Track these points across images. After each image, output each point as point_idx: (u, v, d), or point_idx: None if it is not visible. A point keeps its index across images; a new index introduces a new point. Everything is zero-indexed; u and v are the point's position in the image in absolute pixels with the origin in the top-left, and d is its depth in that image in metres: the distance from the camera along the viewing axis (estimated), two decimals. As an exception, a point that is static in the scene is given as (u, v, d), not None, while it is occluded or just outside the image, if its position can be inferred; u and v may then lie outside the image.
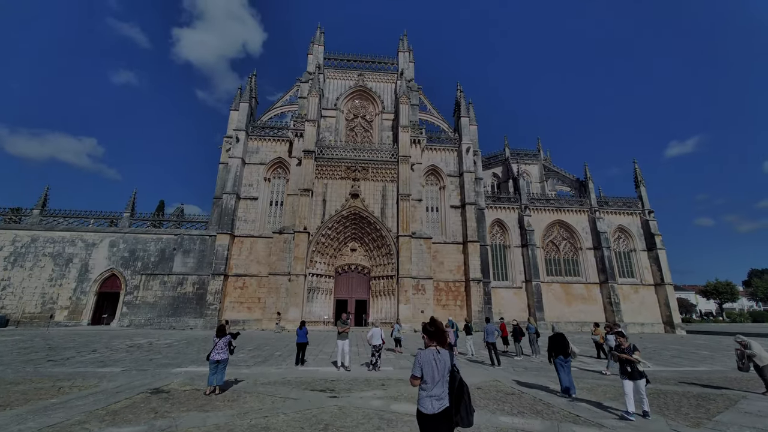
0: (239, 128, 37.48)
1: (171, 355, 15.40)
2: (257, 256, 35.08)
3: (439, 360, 3.78)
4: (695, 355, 18.53)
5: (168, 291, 33.19)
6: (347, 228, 35.86)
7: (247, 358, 14.96)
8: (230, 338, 8.91)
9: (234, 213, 35.31)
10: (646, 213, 42.45)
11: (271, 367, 12.87)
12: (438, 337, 3.93)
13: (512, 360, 15.54)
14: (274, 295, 32.30)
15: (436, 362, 3.75)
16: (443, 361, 3.79)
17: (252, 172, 37.81)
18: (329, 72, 42.97)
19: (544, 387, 9.73)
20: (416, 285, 33.88)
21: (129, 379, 10.36)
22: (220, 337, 8.78)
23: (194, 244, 34.77)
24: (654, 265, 40.70)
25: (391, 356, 16.05)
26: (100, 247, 33.74)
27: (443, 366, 3.77)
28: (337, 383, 10.13)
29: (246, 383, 9.91)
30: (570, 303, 38.87)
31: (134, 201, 36.33)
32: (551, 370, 12.96)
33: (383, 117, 41.97)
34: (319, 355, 15.97)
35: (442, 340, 3.93)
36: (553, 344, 8.61)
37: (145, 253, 34.05)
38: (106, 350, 16.72)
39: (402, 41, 45.17)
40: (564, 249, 41.47)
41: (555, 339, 8.64)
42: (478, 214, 38.55)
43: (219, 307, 32.14)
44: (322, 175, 36.18)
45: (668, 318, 38.57)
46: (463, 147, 40.08)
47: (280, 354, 16.13)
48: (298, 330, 13.53)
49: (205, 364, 12.27)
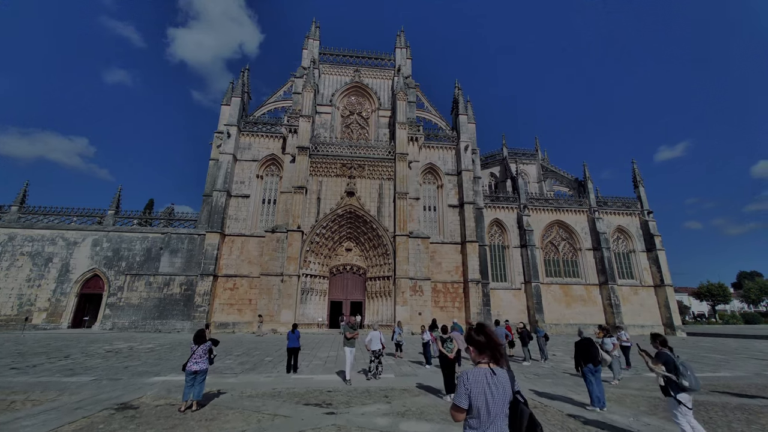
0: (231, 123, 36.11)
1: (151, 362, 14.09)
2: (248, 256, 33.71)
3: (496, 385, 2.64)
4: (708, 358, 17.70)
5: (154, 292, 31.65)
6: (342, 227, 34.67)
7: (235, 364, 13.71)
8: (210, 345, 7.72)
9: (224, 211, 33.91)
10: (646, 213, 41.95)
11: (260, 375, 11.66)
12: (492, 351, 2.79)
13: (520, 365, 14.52)
14: (265, 296, 30.96)
15: (491, 388, 2.61)
16: (501, 387, 2.66)
17: (244, 168, 36.45)
18: (324, 67, 41.83)
19: (567, 398, 8.70)
20: (414, 286, 32.79)
21: (96, 390, 9.09)
22: (198, 343, 7.58)
23: (182, 244, 33.27)
24: (653, 266, 40.16)
25: (391, 361, 14.93)
26: (82, 246, 32.08)
27: (502, 394, 2.64)
28: (334, 395, 8.97)
29: (230, 396, 8.71)
30: (569, 305, 38.10)
31: (119, 198, 34.70)
32: (565, 377, 11.96)
33: (380, 114, 40.92)
34: (314, 361, 14.78)
35: (496, 354, 2.79)
36: (581, 351, 7.56)
37: (130, 253, 32.47)
38: (81, 356, 15.33)
39: (399, 37, 44.23)
40: (563, 249, 40.75)
41: (583, 345, 7.61)
42: (477, 213, 37.65)
43: (208, 309, 30.69)
44: (317, 173, 34.97)
45: (668, 320, 37.99)
46: (461, 145, 39.19)
47: (271, 360, 14.90)
48: (290, 334, 12.34)
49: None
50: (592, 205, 41.31)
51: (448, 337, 8.52)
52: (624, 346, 14.69)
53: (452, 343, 8.44)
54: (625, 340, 14.80)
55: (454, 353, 8.29)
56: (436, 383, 10.39)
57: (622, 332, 15.41)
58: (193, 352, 7.43)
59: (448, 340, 8.42)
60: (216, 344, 7.96)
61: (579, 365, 7.51)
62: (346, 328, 11.62)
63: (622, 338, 14.77)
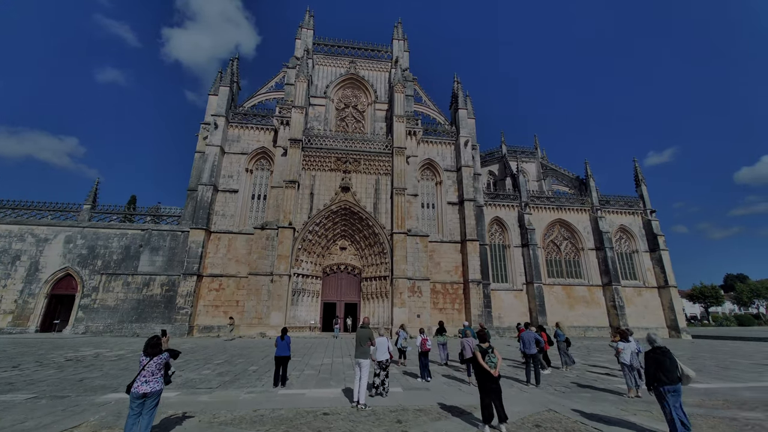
0: (218, 114, 33.97)
1: (113, 373, 12.02)
2: (236, 255, 31.55)
3: None
4: (737, 364, 16.21)
5: (132, 293, 29.28)
6: (336, 224, 32.74)
7: (213, 375, 11.72)
8: (167, 358, 5.79)
9: (210, 206, 31.71)
10: (648, 213, 40.87)
11: (241, 390, 9.72)
12: None
13: (540, 374, 12.75)
14: (254, 297, 28.84)
15: None
16: None
17: (232, 162, 34.31)
18: (318, 58, 39.95)
19: (629, 423, 6.96)
20: (412, 287, 31.01)
21: (23, 415, 7.08)
22: (150, 355, 5.61)
23: (164, 241, 30.98)
24: (657, 266, 39.02)
25: (394, 370, 13.08)
26: (53, 242, 29.60)
27: None
28: (332, 420, 7.10)
29: (196, 423, 6.78)
30: (572, 306, 36.69)
31: (96, 191, 32.29)
32: (597, 389, 10.25)
33: (376, 107, 39.15)
34: (305, 371, 12.86)
35: None
36: (655, 364, 5.78)
37: (107, 251, 30.08)
38: (33, 366, 13.17)
39: (396, 29, 42.60)
40: (565, 249, 39.38)
41: (658, 357, 5.82)
42: (477, 211, 36.07)
43: (191, 312, 28.45)
44: (310, 167, 33.03)
45: (673, 322, 36.82)
46: (461, 140, 37.63)
47: (256, 370, 12.93)
48: (279, 340, 10.43)
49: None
50: (595, 203, 40.08)
51: (488, 347, 6.62)
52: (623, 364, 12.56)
53: (495, 355, 6.54)
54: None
55: (498, 369, 6.42)
56: (459, 401, 8.60)
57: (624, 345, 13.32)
58: (143, 367, 5.49)
59: (489, 351, 6.52)
60: (175, 356, 6.04)
61: (652, 384, 5.77)
62: (364, 334, 8.80)
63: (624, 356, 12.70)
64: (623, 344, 9.55)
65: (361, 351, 8.60)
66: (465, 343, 11.59)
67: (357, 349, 8.69)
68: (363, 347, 8.66)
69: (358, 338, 8.81)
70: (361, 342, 8.73)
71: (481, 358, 6.32)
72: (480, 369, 6.34)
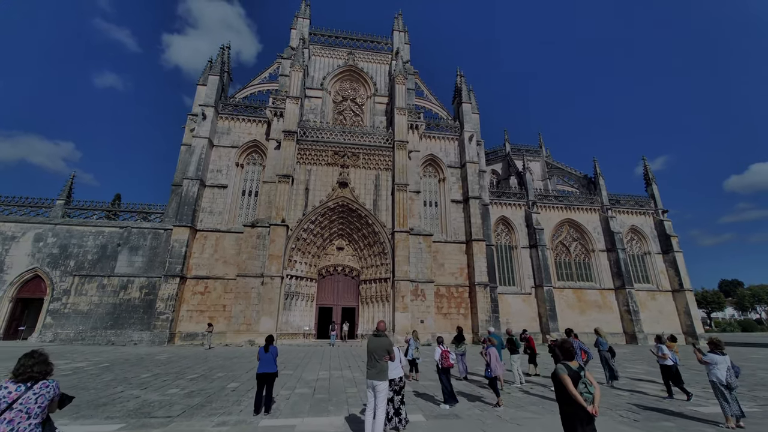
0: (207, 104, 31.64)
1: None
2: (224, 255, 29.03)
3: None
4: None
5: (108, 296, 26.58)
6: (333, 222, 30.40)
7: (179, 397, 9.27)
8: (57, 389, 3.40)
9: (196, 203, 29.22)
10: (660, 213, 39.09)
11: (210, 418, 7.32)
12: None
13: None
14: (242, 301, 26.29)
15: None
16: None
17: (221, 155, 31.90)
18: (315, 48, 37.88)
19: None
20: (415, 290, 28.67)
21: None
22: (28, 381, 3.23)
23: (144, 240, 28.38)
24: (671, 269, 37.12)
25: (407, 388, 10.69)
26: (21, 241, 26.88)
27: None
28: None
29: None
30: (584, 311, 34.53)
31: (71, 185, 29.70)
32: (672, 413, 7.98)
33: (376, 100, 37.08)
34: (297, 388, 10.46)
35: None
36: None
37: (81, 250, 27.41)
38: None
39: (397, 20, 40.75)
40: (575, 251, 37.35)
41: None
42: (483, 210, 33.93)
43: (172, 317, 25.81)
44: (305, 161, 30.74)
45: (689, 328, 34.83)
46: (465, 135, 35.63)
47: (236, 388, 10.51)
48: (262, 352, 8.08)
49: (96, 418, 6.74)
50: (605, 203, 38.19)
51: (579, 368, 4.30)
52: (665, 366, 10.26)
53: (591, 382, 4.14)
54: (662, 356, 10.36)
55: (597, 403, 4.08)
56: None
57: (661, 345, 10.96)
58: (9, 405, 3.05)
59: (581, 374, 4.15)
60: (64, 403, 3.53)
61: None
62: (380, 344, 6.14)
63: (665, 353, 10.35)
64: (717, 357, 7.31)
65: (376, 369, 6.02)
66: (492, 357, 9.24)
67: (370, 366, 6.13)
68: (379, 364, 6.03)
69: (371, 351, 6.18)
70: (376, 356, 6.09)
71: (572, 385, 4.04)
72: (568, 402, 4.06)
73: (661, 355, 10.37)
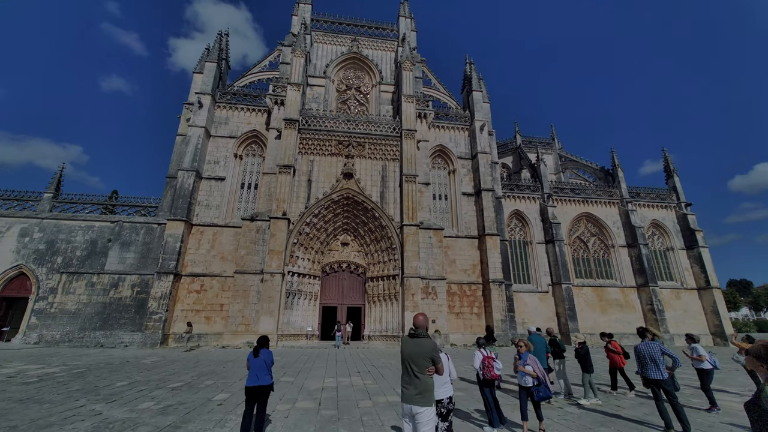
0: (203, 92, 29.87)
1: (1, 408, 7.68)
2: (221, 251, 27.22)
3: None
4: None
5: (97, 295, 24.83)
6: (338, 216, 28.52)
7: (152, 413, 7.40)
8: None
9: (192, 195, 27.41)
10: (683, 206, 36.93)
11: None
12: None
13: (685, 415, 7.96)
14: (240, 300, 24.45)
15: None
16: None
17: (219, 146, 30.12)
18: (317, 35, 36.10)
19: None
20: (425, 287, 26.73)
21: None
22: None
23: (137, 235, 26.62)
24: (696, 265, 34.92)
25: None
26: (6, 236, 25.20)
27: None
28: None
29: None
30: (605, 310, 32.41)
31: (60, 178, 28.00)
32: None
33: (381, 89, 35.22)
34: (299, 401, 8.56)
35: None
36: None
37: (69, 246, 25.68)
38: None
39: (403, 5, 38.84)
40: (594, 247, 35.22)
41: None
42: (496, 203, 31.91)
43: (165, 317, 23.97)
44: (308, 151, 28.90)
45: (717, 328, 32.61)
46: (476, 125, 33.66)
47: (223, 401, 8.62)
48: (251, 358, 6.20)
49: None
50: (624, 195, 36.06)
51: None
52: (702, 369, 8.81)
53: None
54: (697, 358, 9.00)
55: None
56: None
57: (696, 344, 9.23)
58: None
59: None
60: None
61: None
62: (421, 348, 4.09)
63: (701, 354, 8.97)
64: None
65: (416, 388, 3.96)
66: (537, 368, 7.07)
67: (406, 382, 4.08)
68: (420, 379, 3.98)
69: (406, 359, 4.10)
70: (415, 367, 4.03)
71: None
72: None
73: (696, 357, 8.96)
